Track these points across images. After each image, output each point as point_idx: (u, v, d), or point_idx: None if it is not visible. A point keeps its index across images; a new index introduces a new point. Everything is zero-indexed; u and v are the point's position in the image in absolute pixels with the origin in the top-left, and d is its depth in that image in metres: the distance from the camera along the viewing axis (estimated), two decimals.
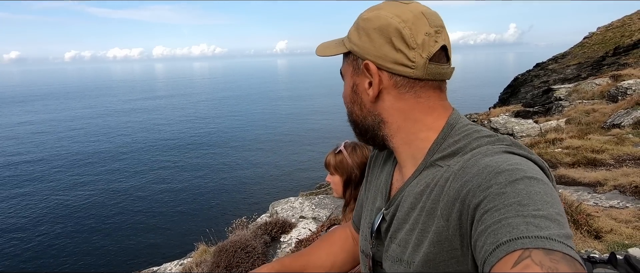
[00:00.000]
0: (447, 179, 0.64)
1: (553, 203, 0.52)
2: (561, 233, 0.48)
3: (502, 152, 0.63)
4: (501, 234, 0.49)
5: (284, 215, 5.53)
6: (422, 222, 0.66)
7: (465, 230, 0.58)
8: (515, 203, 0.51)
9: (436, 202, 0.65)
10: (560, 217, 0.51)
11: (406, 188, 0.73)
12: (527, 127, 9.78)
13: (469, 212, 0.57)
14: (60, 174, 22.10)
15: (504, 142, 0.67)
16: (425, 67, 0.69)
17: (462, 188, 0.60)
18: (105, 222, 15.65)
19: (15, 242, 14.14)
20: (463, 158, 0.65)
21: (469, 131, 0.70)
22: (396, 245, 0.73)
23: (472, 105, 36.14)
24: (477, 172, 0.59)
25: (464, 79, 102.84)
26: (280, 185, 18.84)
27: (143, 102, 63.46)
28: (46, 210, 16.98)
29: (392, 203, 0.76)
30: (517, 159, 0.60)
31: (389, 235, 0.76)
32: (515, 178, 0.55)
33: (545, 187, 0.54)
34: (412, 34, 0.69)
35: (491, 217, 0.52)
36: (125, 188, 19.59)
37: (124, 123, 41.29)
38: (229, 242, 4.04)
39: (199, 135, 33.58)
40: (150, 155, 26.68)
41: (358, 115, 0.79)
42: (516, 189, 0.53)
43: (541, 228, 0.48)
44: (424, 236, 0.66)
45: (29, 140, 32.71)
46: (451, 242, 0.61)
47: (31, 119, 45.70)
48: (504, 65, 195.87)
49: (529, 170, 0.57)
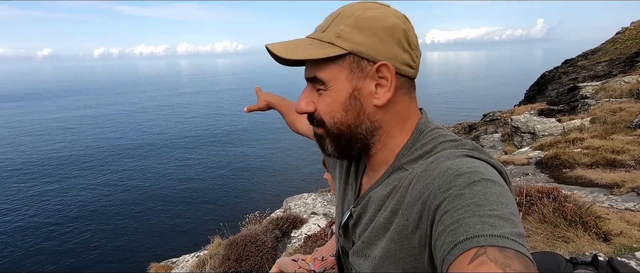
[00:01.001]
0: (411, 181, 0.66)
1: (507, 204, 0.55)
2: (514, 231, 0.50)
3: (462, 156, 0.65)
4: (458, 233, 0.51)
5: (297, 211, 5.60)
6: (385, 220, 0.69)
7: (425, 230, 0.60)
8: (472, 204, 0.54)
9: (399, 202, 0.67)
10: (514, 216, 0.53)
11: (374, 189, 0.75)
12: (549, 125, 9.49)
13: (430, 213, 0.59)
14: (87, 170, 22.97)
15: (466, 146, 0.69)
16: (418, 67, 0.73)
17: (424, 190, 0.62)
18: (131, 214, 16.20)
19: (47, 234, 14.84)
20: (427, 161, 0.68)
21: (435, 135, 0.72)
22: (361, 241, 0.76)
23: (496, 103, 35.29)
24: (438, 174, 0.61)
25: (488, 77, 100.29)
26: (299, 181, 18.98)
27: (169, 99, 65.00)
28: (72, 204, 17.72)
29: (360, 202, 0.79)
30: (476, 163, 0.63)
31: (356, 231, 0.79)
32: (473, 180, 0.57)
33: (501, 188, 0.57)
34: (412, 35, 0.71)
35: (450, 218, 0.54)
36: (149, 184, 20.19)
37: (149, 120, 42.44)
38: (239, 236, 4.14)
39: (222, 133, 34.15)
40: (174, 151, 27.36)
41: (350, 125, 0.72)
42: (474, 191, 0.55)
43: (495, 227, 0.50)
44: (385, 233, 0.69)
45: (60, 135, 34.10)
46: (410, 241, 0.64)
47: (63, 115, 47.54)
48: (530, 62, 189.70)
49: (486, 173, 0.59)
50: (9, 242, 13.99)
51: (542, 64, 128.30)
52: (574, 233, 2.86)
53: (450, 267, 0.50)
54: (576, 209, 2.95)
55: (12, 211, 16.76)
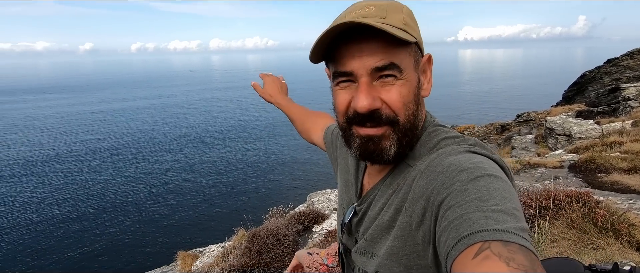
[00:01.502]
0: (414, 178, 0.67)
1: (511, 199, 0.54)
2: (517, 226, 0.50)
3: (465, 152, 0.65)
4: (462, 228, 0.51)
5: (320, 207, 5.64)
6: (389, 218, 0.70)
7: (428, 226, 0.60)
8: (475, 199, 0.54)
9: (403, 199, 0.67)
10: (517, 211, 0.53)
11: (380, 187, 0.75)
12: (586, 128, 9.06)
13: (433, 209, 0.59)
14: (122, 162, 23.97)
15: (468, 142, 0.69)
16: None
17: (427, 186, 0.62)
18: (162, 204, 16.82)
19: (83, 220, 15.66)
20: (429, 157, 0.68)
21: (438, 132, 0.72)
22: (364, 239, 0.76)
23: (531, 103, 33.96)
24: (441, 170, 0.62)
25: (524, 76, 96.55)
26: (323, 177, 19.05)
27: (201, 94, 66.67)
28: (108, 193, 18.59)
29: (365, 200, 0.78)
30: (479, 158, 0.62)
31: (359, 230, 0.79)
32: (476, 175, 0.57)
33: (504, 184, 0.57)
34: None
35: (453, 213, 0.54)
36: (180, 176, 20.86)
37: (182, 113, 43.75)
38: (262, 229, 4.23)
39: (250, 128, 34.72)
40: (204, 145, 28.10)
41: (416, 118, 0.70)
42: (477, 186, 0.55)
43: (499, 221, 0.50)
44: (389, 231, 0.69)
45: (99, 127, 35.78)
46: (413, 237, 0.64)
47: (103, 108, 49.79)
48: (570, 61, 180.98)
49: (489, 168, 0.59)
50: (51, 224, 14.87)
51: (583, 63, 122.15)
52: (605, 240, 2.74)
53: (455, 261, 0.50)
54: (608, 215, 2.82)
55: (54, 199, 17.79)
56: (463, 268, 0.47)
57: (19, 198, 17.64)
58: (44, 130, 33.59)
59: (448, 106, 42.28)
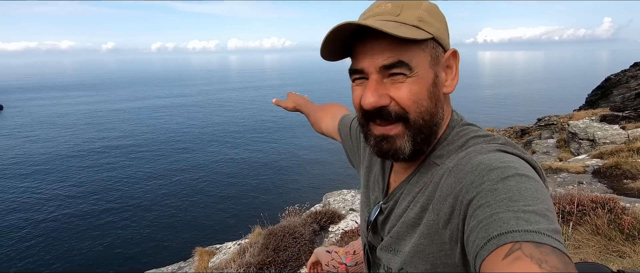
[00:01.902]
0: (442, 176, 0.66)
1: (543, 200, 0.53)
2: (550, 227, 0.49)
3: (495, 151, 0.64)
4: (492, 228, 0.50)
5: (336, 207, 5.65)
6: (415, 215, 0.69)
7: (456, 225, 0.59)
8: (506, 199, 0.52)
9: (430, 197, 0.66)
10: (550, 212, 0.52)
11: (406, 185, 0.74)
12: (611, 133, 8.79)
13: (462, 208, 0.58)
14: (141, 159, 24.51)
15: (498, 141, 0.68)
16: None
17: (455, 184, 0.61)
18: (180, 199, 17.11)
19: (106, 215, 16.06)
20: (458, 156, 0.67)
21: (467, 131, 0.71)
22: (389, 237, 0.75)
23: (552, 107, 33.14)
24: (470, 169, 0.61)
25: (545, 79, 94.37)
26: (339, 178, 19.02)
27: (219, 93, 67.49)
28: (129, 190, 19.01)
29: (391, 198, 0.78)
30: (509, 157, 0.61)
31: (385, 228, 0.79)
32: (507, 175, 0.56)
33: (536, 184, 0.56)
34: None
35: (483, 213, 0.53)
36: (199, 174, 21.18)
37: (200, 112, 44.39)
38: (278, 227, 4.26)
39: (267, 128, 34.97)
40: (222, 144, 28.45)
41: (432, 114, 0.69)
42: (507, 186, 0.54)
43: (531, 222, 0.49)
44: (415, 229, 0.69)
45: (120, 125, 36.64)
46: (440, 236, 0.63)
47: (124, 106, 50.94)
48: (594, 64, 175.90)
49: (520, 167, 0.58)
50: (72, 218, 15.31)
51: (607, 66, 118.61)
52: (631, 248, 2.66)
53: (484, 262, 0.48)
54: (635, 223, 2.74)
55: (76, 194, 18.31)
56: (493, 269, 0.46)
57: (43, 193, 18.23)
58: (68, 127, 34.62)
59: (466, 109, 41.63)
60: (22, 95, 65.13)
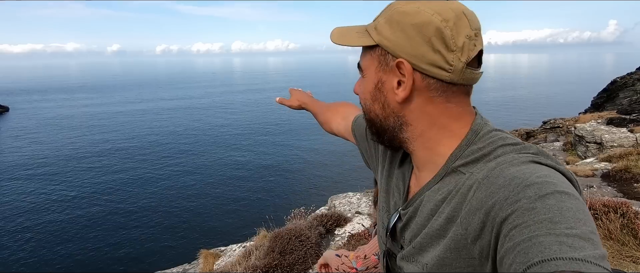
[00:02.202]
0: (470, 187, 0.62)
1: (586, 221, 0.50)
2: (596, 254, 0.45)
3: (528, 162, 0.60)
4: (532, 254, 0.47)
5: (341, 210, 5.61)
6: (440, 227, 0.65)
7: (487, 241, 0.57)
8: (546, 220, 0.49)
9: (457, 209, 0.63)
10: (594, 235, 0.48)
11: (426, 192, 0.71)
12: (619, 136, 8.72)
13: (495, 225, 0.55)
14: (146, 161, 24.61)
15: (530, 151, 0.63)
16: (462, 71, 0.65)
17: (487, 199, 0.58)
18: (184, 201, 17.14)
19: (110, 217, 16.10)
20: (487, 166, 0.63)
21: (494, 138, 0.67)
22: (412, 247, 0.72)
23: (557, 110, 33.00)
24: (503, 183, 0.57)
25: (550, 82, 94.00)
26: (344, 180, 18.99)
27: (223, 96, 67.72)
28: (133, 192, 19.06)
29: (410, 204, 0.75)
30: (545, 171, 0.58)
31: (404, 235, 0.76)
32: (546, 192, 0.52)
33: (577, 202, 0.52)
34: (453, 35, 0.63)
35: (520, 234, 0.50)
36: (202, 177, 21.23)
37: (204, 115, 44.53)
38: (284, 230, 4.23)
39: (271, 131, 35.01)
40: (226, 147, 28.51)
41: (377, 115, 0.74)
42: (547, 205, 0.51)
43: (575, 248, 0.45)
44: (440, 241, 0.65)
45: (125, 127, 36.81)
46: (469, 251, 0.60)
47: (129, 109, 51.19)
48: (599, 67, 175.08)
49: (559, 183, 0.54)
50: (77, 219, 15.36)
51: (613, 69, 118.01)
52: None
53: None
54: None
55: (80, 196, 18.38)
56: None
57: (48, 194, 18.32)
58: (73, 129, 34.86)
59: None
60: (28, 97, 65.66)
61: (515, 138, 0.67)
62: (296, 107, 1.36)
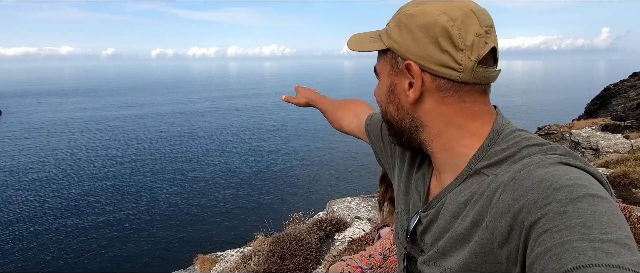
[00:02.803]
0: (495, 190, 0.60)
1: (621, 226, 0.48)
2: (633, 260, 0.44)
3: (556, 163, 0.58)
4: (565, 260, 0.45)
5: (340, 214, 5.59)
6: (464, 231, 0.64)
7: (515, 246, 0.55)
8: (579, 225, 0.47)
9: (482, 213, 0.61)
10: (630, 241, 0.47)
11: (447, 194, 0.70)
12: (615, 142, 8.80)
13: (523, 230, 0.53)
14: (141, 166, 24.42)
15: (557, 152, 0.61)
16: (473, 70, 0.64)
17: (514, 202, 0.56)
18: (179, 208, 17.01)
19: (101, 222, 15.92)
20: (513, 168, 0.61)
21: (518, 138, 0.65)
22: (434, 251, 0.70)
23: (551, 117, 33.31)
24: (531, 185, 0.55)
25: (544, 88, 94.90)
26: (342, 185, 18.97)
27: (218, 100, 67.53)
28: (128, 197, 18.89)
29: (431, 207, 0.73)
30: (575, 172, 0.56)
31: (425, 238, 0.74)
32: (577, 195, 0.50)
33: (610, 206, 0.50)
34: (461, 34, 0.63)
35: (551, 239, 0.48)
36: (197, 181, 21.10)
37: (200, 120, 44.38)
38: (284, 234, 4.20)
39: (267, 136, 34.95)
40: (221, 152, 28.40)
41: (394, 117, 0.75)
42: (579, 208, 0.49)
43: (611, 255, 0.44)
44: (465, 245, 0.64)
45: (119, 132, 36.58)
46: (496, 256, 0.59)
47: (123, 113, 50.90)
48: (593, 74, 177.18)
49: (590, 186, 0.53)
50: (71, 224, 15.17)
51: (606, 76, 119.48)
52: None
53: None
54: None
55: (74, 200, 18.18)
56: None
57: (41, 199, 18.09)
58: (66, 133, 34.54)
59: None
60: (21, 101, 65.07)
61: (540, 138, 0.66)
62: (303, 104, 1.35)
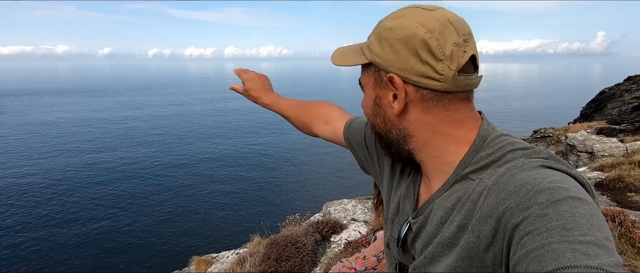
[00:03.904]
0: (480, 194, 0.61)
1: (600, 227, 0.49)
2: (611, 261, 0.45)
3: (539, 167, 0.59)
4: (545, 262, 0.46)
5: (336, 217, 5.58)
6: (451, 236, 0.64)
7: (500, 249, 0.56)
8: (558, 227, 0.48)
9: (468, 217, 0.62)
10: (609, 242, 0.48)
11: (435, 200, 0.71)
12: (610, 145, 8.83)
13: (506, 233, 0.54)
14: (136, 167, 24.29)
15: (541, 155, 0.62)
16: (454, 79, 0.65)
17: (498, 205, 0.57)
18: (173, 210, 16.93)
19: (97, 226, 15.82)
20: (497, 171, 0.62)
21: (503, 143, 0.66)
22: (423, 257, 0.71)
23: (547, 120, 33.46)
24: (514, 189, 0.56)
25: (540, 91, 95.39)
26: (338, 187, 18.96)
27: (215, 102, 67.33)
28: (123, 198, 18.78)
29: (420, 213, 0.74)
30: (557, 175, 0.57)
31: (415, 245, 0.75)
32: (558, 198, 0.51)
33: (590, 208, 0.51)
34: (440, 44, 0.64)
35: (533, 241, 0.49)
36: (192, 182, 21.01)
37: (196, 121, 44.22)
38: (280, 236, 4.18)
39: (262, 137, 34.90)
40: (217, 153, 28.31)
41: (382, 128, 0.75)
42: (559, 211, 0.50)
43: (590, 256, 0.45)
44: (452, 250, 0.64)
45: (115, 132, 36.37)
46: (482, 259, 0.59)
47: (117, 113, 50.60)
48: (588, 78, 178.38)
49: (571, 188, 0.53)
50: (66, 225, 15.06)
51: (601, 79, 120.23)
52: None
53: None
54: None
55: (70, 200, 18.05)
56: None
57: (36, 199, 17.95)
58: (61, 132, 34.30)
59: None
60: (16, 99, 64.61)
61: (524, 142, 0.67)
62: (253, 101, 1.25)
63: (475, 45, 0.68)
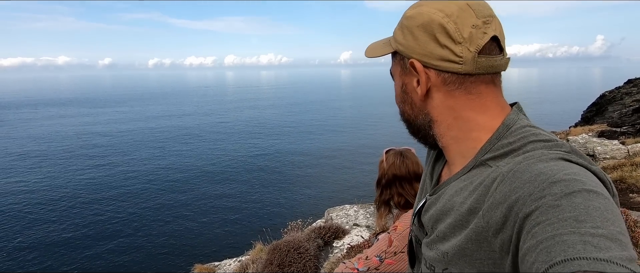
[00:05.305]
0: (494, 180, 0.61)
1: (614, 221, 0.48)
2: (623, 255, 0.44)
3: (558, 159, 0.59)
4: (555, 252, 0.45)
5: (338, 222, 5.57)
6: (462, 217, 0.65)
7: (509, 236, 0.56)
8: (570, 219, 0.47)
9: (480, 201, 0.62)
10: (623, 236, 0.47)
11: (452, 182, 0.72)
12: (611, 148, 8.83)
13: (517, 221, 0.54)
14: (134, 177, 24.28)
15: (562, 148, 0.62)
16: (475, 60, 0.66)
17: (511, 193, 0.57)
18: (175, 217, 16.89)
19: (103, 237, 15.78)
20: (514, 160, 0.62)
21: (526, 133, 0.66)
22: (435, 235, 0.73)
23: (548, 124, 33.45)
24: (528, 178, 0.56)
25: (540, 96, 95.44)
26: (340, 193, 18.91)
27: (216, 111, 67.42)
28: (125, 206, 18.75)
29: (437, 191, 0.76)
30: (575, 168, 0.56)
31: (428, 222, 0.77)
32: (572, 190, 0.51)
33: (606, 202, 0.50)
34: (457, 28, 0.65)
35: (543, 231, 0.48)
36: (193, 189, 20.98)
37: (197, 130, 44.26)
38: (282, 242, 4.17)
39: (263, 147, 34.89)
40: (218, 162, 28.30)
41: (409, 115, 0.78)
42: (573, 203, 0.49)
43: (600, 249, 0.44)
44: (461, 231, 0.65)
45: (116, 141, 36.41)
46: (490, 244, 0.60)
47: (118, 124, 50.67)
48: (588, 81, 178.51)
49: (588, 182, 0.53)
50: (69, 230, 15.02)
51: (601, 83, 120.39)
52: None
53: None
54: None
55: (73, 206, 18.04)
56: None
57: (37, 208, 17.94)
58: (62, 143, 34.37)
59: None
60: (18, 111, 64.82)
61: (550, 134, 0.66)
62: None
63: (499, 26, 0.68)
